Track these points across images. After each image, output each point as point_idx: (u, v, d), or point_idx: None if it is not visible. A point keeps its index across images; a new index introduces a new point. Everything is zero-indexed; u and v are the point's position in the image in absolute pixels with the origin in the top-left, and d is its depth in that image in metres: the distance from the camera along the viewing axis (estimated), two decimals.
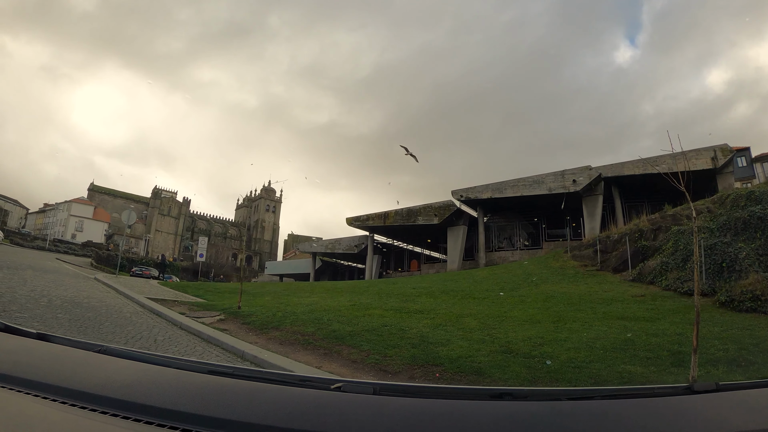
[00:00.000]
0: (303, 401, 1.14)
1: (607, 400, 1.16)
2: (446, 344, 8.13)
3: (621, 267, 19.00)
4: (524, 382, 6.13)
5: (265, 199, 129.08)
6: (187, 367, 1.45)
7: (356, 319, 10.81)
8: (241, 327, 10.49)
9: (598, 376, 6.19)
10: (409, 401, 1.15)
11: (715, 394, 1.16)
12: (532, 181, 31.58)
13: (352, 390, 1.17)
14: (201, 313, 12.32)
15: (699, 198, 21.12)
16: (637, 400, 1.15)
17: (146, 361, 1.49)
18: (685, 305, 11.72)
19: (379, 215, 40.82)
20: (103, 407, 1.12)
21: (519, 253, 33.69)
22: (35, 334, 1.75)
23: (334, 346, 8.27)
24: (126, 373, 1.38)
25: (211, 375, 1.34)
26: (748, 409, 1.12)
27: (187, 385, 1.27)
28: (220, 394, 1.18)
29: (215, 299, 15.90)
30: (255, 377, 1.34)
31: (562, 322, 10.28)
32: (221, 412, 1.06)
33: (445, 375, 6.54)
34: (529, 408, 1.11)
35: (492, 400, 1.16)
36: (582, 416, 1.05)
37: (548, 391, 1.73)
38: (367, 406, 1.10)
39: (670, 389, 1.22)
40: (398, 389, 1.31)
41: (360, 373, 6.86)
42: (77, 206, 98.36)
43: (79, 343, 1.68)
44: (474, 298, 15.60)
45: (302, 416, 1.05)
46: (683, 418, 1.05)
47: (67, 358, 1.54)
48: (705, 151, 26.46)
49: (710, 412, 1.08)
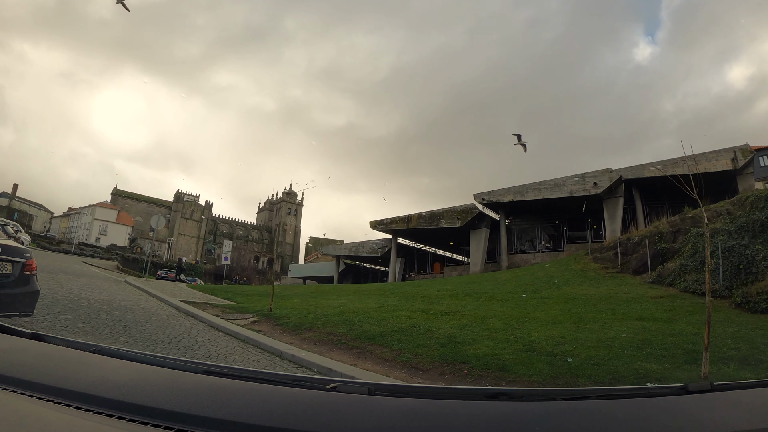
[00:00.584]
0: (298, 401, 1.16)
1: (602, 400, 1.18)
2: (473, 343, 8.44)
3: (641, 269, 19.09)
4: (547, 377, 6.40)
5: (287, 202, 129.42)
6: (182, 367, 1.46)
7: (385, 320, 11.06)
8: (274, 328, 10.76)
9: (616, 373, 6.44)
10: (405, 401, 1.17)
11: (709, 394, 1.17)
12: (553, 184, 31.74)
13: (348, 390, 1.19)
14: (234, 315, 12.61)
15: (719, 199, 21.19)
16: (631, 400, 1.17)
17: (141, 361, 1.50)
18: (703, 306, 11.64)
19: (403, 219, 41.09)
20: (98, 407, 1.13)
21: (541, 256, 33.80)
22: (29, 333, 1.75)
23: (366, 345, 8.57)
24: (121, 373, 1.39)
25: (207, 375, 1.35)
26: (743, 410, 1.13)
27: (183, 385, 1.28)
28: (216, 394, 1.19)
29: (245, 302, 16.08)
30: (250, 377, 1.35)
31: (583, 322, 10.51)
32: (217, 412, 1.08)
33: (472, 372, 6.82)
34: (524, 408, 1.13)
35: (487, 400, 1.18)
36: (577, 416, 1.06)
37: (543, 392, 1.75)
38: (362, 406, 1.11)
39: (664, 389, 1.23)
40: (393, 389, 1.34)
41: (393, 371, 7.11)
42: (101, 210, 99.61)
43: (74, 343, 1.68)
44: (497, 300, 15.83)
45: (298, 416, 1.06)
46: (678, 418, 1.06)
47: (62, 358, 1.54)
48: (725, 152, 26.34)
49: (705, 412, 1.09)
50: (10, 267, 5.96)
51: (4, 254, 5.92)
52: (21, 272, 6.09)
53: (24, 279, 6.18)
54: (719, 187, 24.59)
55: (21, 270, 6.09)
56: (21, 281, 6.12)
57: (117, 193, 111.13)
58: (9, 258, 5.97)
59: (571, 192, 30.65)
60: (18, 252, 6.23)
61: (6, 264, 5.92)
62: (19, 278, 6.09)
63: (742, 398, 1.21)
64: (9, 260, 5.96)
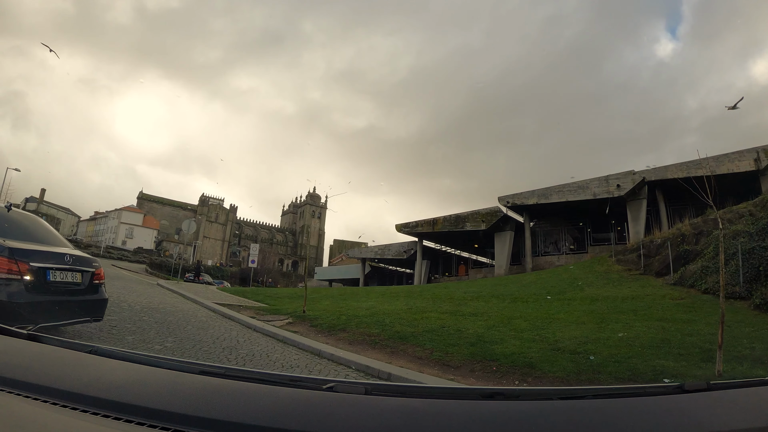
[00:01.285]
0: (295, 401, 1.16)
1: (599, 400, 1.17)
2: (500, 342, 8.73)
3: (663, 271, 19.16)
4: (570, 374, 6.69)
5: (311, 205, 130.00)
6: (178, 367, 1.45)
7: (415, 321, 11.31)
8: (309, 329, 11.04)
9: (635, 369, 6.72)
10: (401, 401, 1.16)
11: (705, 393, 1.17)
12: (576, 186, 31.78)
13: (344, 390, 1.18)
14: (269, 317, 12.98)
15: (742, 200, 21.10)
16: (628, 400, 1.18)
17: (137, 362, 1.49)
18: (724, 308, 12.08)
19: (428, 222, 41.38)
20: (95, 408, 1.13)
21: (565, 258, 33.92)
22: (25, 334, 1.74)
23: (399, 345, 8.82)
24: (117, 374, 1.39)
25: (203, 375, 1.34)
26: (739, 409, 1.12)
27: (179, 386, 1.28)
28: (212, 394, 1.19)
29: (276, 304, 16.38)
30: (246, 377, 1.35)
31: (605, 323, 10.67)
32: (213, 412, 1.08)
33: (501, 368, 7.13)
34: (521, 408, 1.12)
35: (484, 399, 1.18)
36: (573, 416, 1.06)
37: (540, 391, 1.77)
38: (359, 406, 1.11)
39: (661, 388, 1.22)
40: (390, 389, 1.34)
41: (426, 368, 7.41)
42: (127, 214, 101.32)
43: (70, 344, 1.68)
44: (523, 301, 16.06)
45: (294, 416, 1.06)
46: (674, 418, 1.06)
47: (58, 358, 1.54)
48: (748, 152, 26.12)
49: (701, 411, 1.09)
50: (81, 276, 6.33)
51: (76, 264, 6.28)
52: (90, 281, 6.50)
53: (93, 287, 6.61)
54: (742, 187, 24.34)
55: (90, 279, 6.50)
56: (91, 290, 6.56)
57: (142, 197, 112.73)
58: (80, 268, 6.33)
59: (595, 194, 30.70)
60: (88, 262, 6.62)
61: (77, 274, 6.28)
62: (89, 287, 6.51)
63: (738, 397, 1.20)
64: (80, 270, 6.33)
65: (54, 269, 5.92)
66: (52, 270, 5.87)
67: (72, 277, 6.20)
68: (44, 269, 5.75)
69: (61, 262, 6.07)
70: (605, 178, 30.63)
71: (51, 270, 5.86)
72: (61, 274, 6.02)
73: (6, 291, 5.30)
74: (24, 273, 5.44)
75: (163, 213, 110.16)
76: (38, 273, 5.64)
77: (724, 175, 25.17)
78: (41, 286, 5.70)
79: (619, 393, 1.24)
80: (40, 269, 5.67)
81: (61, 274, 6.02)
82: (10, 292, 5.33)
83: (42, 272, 5.71)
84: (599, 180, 30.87)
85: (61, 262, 6.08)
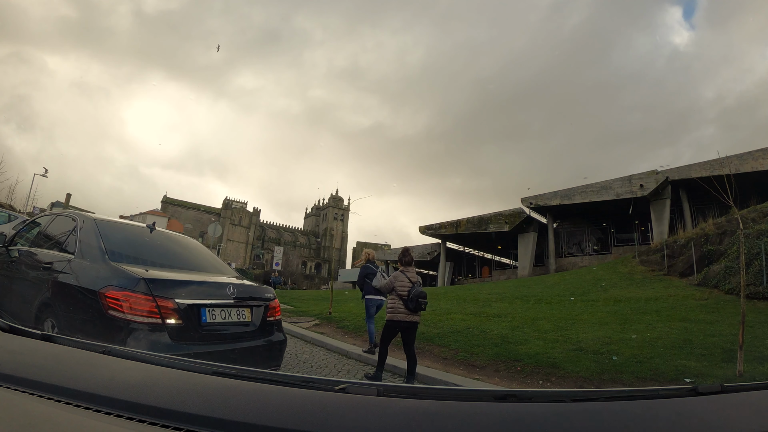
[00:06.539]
0: (307, 402, 1.16)
1: (611, 402, 1.17)
2: (524, 343, 8.90)
3: (687, 271, 19.08)
4: (593, 374, 6.82)
5: (333, 207, 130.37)
6: (191, 368, 1.45)
7: (440, 322, 11.52)
8: (336, 331, 11.49)
9: (657, 369, 6.83)
10: (413, 403, 1.17)
11: (719, 395, 1.15)
12: (599, 187, 31.73)
13: (356, 391, 1.18)
14: (297, 318, 13.51)
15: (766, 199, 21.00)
16: (641, 402, 1.17)
17: (150, 363, 1.50)
18: (746, 309, 12.04)
19: (451, 223, 41.60)
20: (108, 408, 1.14)
21: (588, 259, 33.98)
22: (39, 335, 1.76)
23: (425, 346, 8.94)
24: (130, 374, 1.40)
25: (216, 376, 1.35)
26: (753, 411, 1.11)
27: (192, 386, 1.28)
28: (225, 395, 1.20)
29: (302, 306, 16.92)
30: (259, 378, 1.35)
31: (628, 324, 10.77)
32: (226, 413, 1.08)
33: (525, 368, 7.30)
34: (533, 410, 1.12)
35: (496, 401, 1.17)
36: (586, 418, 1.06)
37: (552, 393, 1.74)
38: (371, 408, 1.11)
39: (674, 391, 1.21)
40: (402, 391, 1.33)
41: (451, 368, 7.63)
42: (152, 218, 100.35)
43: (84, 344, 1.68)
44: (546, 302, 16.26)
45: (306, 417, 1.07)
46: (687, 420, 1.05)
47: (72, 359, 1.55)
48: None
49: (714, 413, 1.08)
50: (249, 314, 4.76)
51: (242, 297, 4.73)
52: (264, 319, 4.90)
53: (267, 327, 4.95)
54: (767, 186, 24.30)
55: (263, 316, 4.91)
56: (264, 330, 4.89)
57: (167, 201, 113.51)
58: (248, 302, 4.79)
59: (618, 194, 30.61)
60: (259, 293, 5.10)
61: (245, 310, 4.72)
62: (262, 326, 4.86)
63: (752, 400, 1.19)
64: (249, 305, 4.78)
65: (211, 306, 4.41)
66: (208, 308, 4.37)
67: (238, 315, 4.64)
68: (197, 307, 4.29)
69: (221, 296, 4.58)
70: (628, 178, 30.55)
71: (207, 308, 4.36)
72: (221, 313, 4.48)
73: (145, 341, 3.86)
74: (168, 315, 4.03)
75: (187, 216, 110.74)
76: (189, 313, 4.18)
77: (748, 173, 25.02)
78: (194, 331, 4.22)
79: (632, 395, 1.23)
80: (191, 308, 4.22)
81: (221, 313, 4.48)
82: (151, 341, 3.89)
83: (195, 312, 4.25)
84: (622, 180, 30.78)
85: (222, 296, 4.58)
